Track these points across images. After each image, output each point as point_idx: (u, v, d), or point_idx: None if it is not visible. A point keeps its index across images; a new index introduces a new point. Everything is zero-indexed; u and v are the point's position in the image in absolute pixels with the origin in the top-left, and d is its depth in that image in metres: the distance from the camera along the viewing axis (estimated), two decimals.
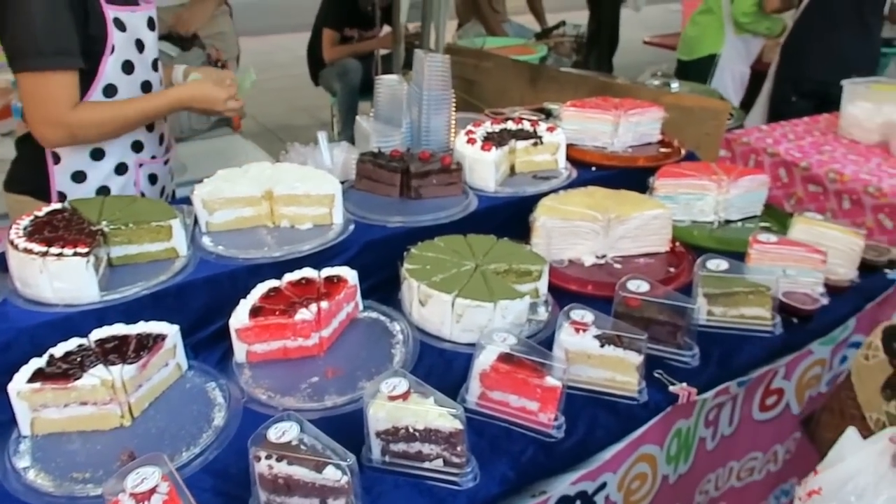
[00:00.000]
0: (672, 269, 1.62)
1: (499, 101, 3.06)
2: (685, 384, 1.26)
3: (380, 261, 1.57)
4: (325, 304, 1.30)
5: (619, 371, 1.22)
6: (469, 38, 3.99)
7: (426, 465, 1.05)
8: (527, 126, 1.97)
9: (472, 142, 1.84)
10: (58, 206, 1.45)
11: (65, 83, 1.53)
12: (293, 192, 1.56)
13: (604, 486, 1.19)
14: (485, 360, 1.16)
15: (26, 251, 1.27)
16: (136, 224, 1.41)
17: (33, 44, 1.48)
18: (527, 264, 1.46)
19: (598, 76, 3.03)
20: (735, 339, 1.40)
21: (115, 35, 1.59)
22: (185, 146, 2.72)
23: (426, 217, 1.65)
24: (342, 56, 4.41)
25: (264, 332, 1.28)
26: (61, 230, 1.35)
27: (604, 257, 1.67)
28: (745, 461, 1.61)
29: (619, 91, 2.67)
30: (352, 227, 1.58)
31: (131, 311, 1.30)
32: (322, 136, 1.87)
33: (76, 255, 1.26)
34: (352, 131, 4.47)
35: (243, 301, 1.31)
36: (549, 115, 2.39)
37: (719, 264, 1.44)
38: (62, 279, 1.27)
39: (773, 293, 1.40)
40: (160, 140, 1.83)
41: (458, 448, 1.02)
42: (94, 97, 1.62)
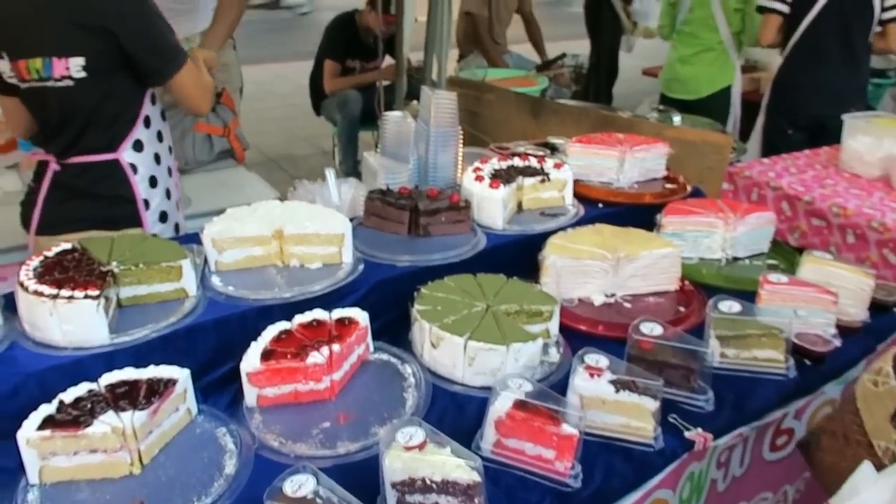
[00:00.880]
0: (682, 309, 1.61)
1: (501, 133, 3.08)
2: (700, 429, 1.25)
3: (389, 300, 1.56)
4: (336, 347, 1.29)
5: (634, 417, 1.21)
6: (471, 69, 4.03)
7: None
8: (533, 163, 1.98)
9: (479, 179, 1.84)
10: (67, 245, 1.45)
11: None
12: (303, 232, 1.56)
13: None
14: (500, 408, 1.14)
15: (36, 293, 1.26)
16: (146, 264, 1.41)
17: (175, 45, 1.80)
18: (538, 304, 1.45)
19: (600, 109, 3.06)
20: (748, 382, 1.39)
21: None
22: (190, 178, 2.72)
23: (435, 256, 1.65)
24: (343, 87, 4.45)
25: (275, 375, 1.26)
26: (71, 271, 1.34)
27: (613, 296, 1.66)
28: (756, 502, 1.59)
29: (622, 125, 2.69)
30: (361, 266, 1.58)
31: (141, 354, 1.29)
32: (330, 174, 1.87)
33: (87, 297, 1.25)
34: (352, 161, 4.54)
35: (254, 344, 1.30)
36: (553, 149, 2.41)
37: (731, 306, 1.43)
38: (72, 322, 1.26)
39: (785, 336, 1.40)
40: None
41: (476, 500, 1.00)
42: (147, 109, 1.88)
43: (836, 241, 2.30)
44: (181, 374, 1.21)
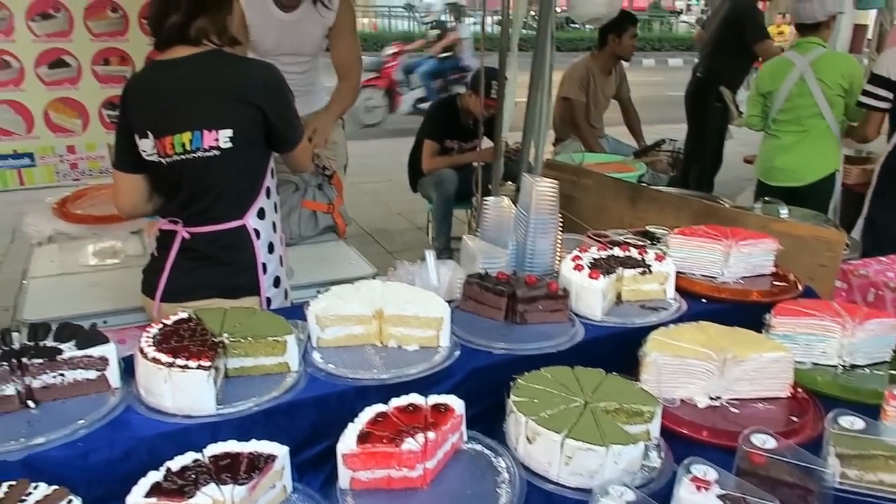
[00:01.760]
0: (795, 419, 1.51)
1: (598, 219, 3.06)
2: None
3: (483, 388, 1.55)
4: (431, 434, 1.28)
5: None
6: (567, 153, 4.07)
7: None
8: (634, 253, 1.95)
9: (579, 268, 1.83)
10: (185, 315, 1.53)
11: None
12: (403, 313, 1.59)
13: None
14: None
15: (154, 361, 1.33)
16: (254, 338, 1.46)
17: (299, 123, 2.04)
18: (638, 404, 1.40)
19: (702, 199, 3.00)
20: None
21: None
22: (294, 251, 2.84)
23: (532, 345, 1.64)
24: (441, 167, 4.59)
25: (370, 459, 1.26)
26: (186, 340, 1.41)
27: (718, 399, 1.58)
28: None
29: (726, 216, 2.62)
30: (458, 352, 1.58)
31: (244, 427, 1.32)
32: (430, 255, 1.91)
33: (199, 367, 1.31)
34: (445, 238, 4.62)
35: (351, 425, 1.31)
36: (653, 239, 2.37)
37: (854, 422, 1.33)
38: (183, 390, 1.31)
39: None
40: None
41: None
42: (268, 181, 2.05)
43: None
44: (280, 451, 1.23)
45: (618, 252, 1.96)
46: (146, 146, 1.87)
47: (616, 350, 1.72)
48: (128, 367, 1.44)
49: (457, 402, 1.39)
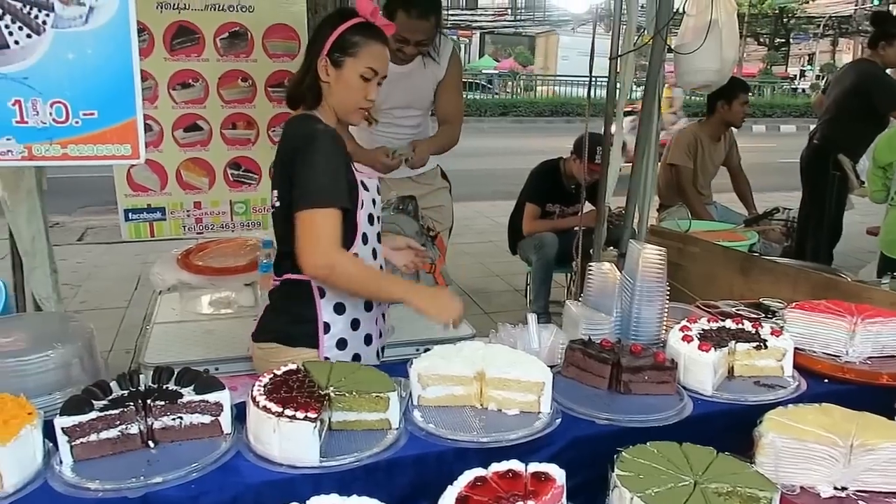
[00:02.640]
0: None
1: (705, 289, 2.96)
2: None
3: (584, 459, 1.50)
4: (532, 503, 1.25)
5: None
6: (673, 220, 3.98)
7: None
8: (748, 326, 1.86)
9: (687, 339, 1.76)
10: (293, 366, 1.59)
11: (335, 221, 1.81)
12: (504, 376, 1.58)
13: None
14: None
15: (265, 409, 1.38)
16: (358, 393, 1.50)
17: (317, 188, 1.80)
18: (754, 488, 1.31)
19: (821, 271, 2.84)
20: None
21: (362, 193, 1.93)
22: (395, 309, 2.88)
23: (637, 417, 1.58)
24: (542, 230, 4.59)
25: None
26: (295, 391, 1.46)
27: (844, 490, 1.45)
28: None
29: (848, 291, 2.47)
30: (559, 419, 1.55)
31: (344, 481, 1.34)
32: (532, 319, 1.90)
33: (306, 419, 1.35)
34: (544, 301, 4.58)
35: (450, 487, 1.29)
36: (767, 312, 2.25)
37: None
38: (290, 440, 1.35)
39: None
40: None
41: None
42: (357, 246, 1.92)
43: None
44: None
45: (730, 324, 1.88)
46: None
47: (727, 428, 1.63)
48: (238, 414, 1.51)
49: (558, 472, 1.34)
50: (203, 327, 2.87)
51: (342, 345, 1.97)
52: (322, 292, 1.93)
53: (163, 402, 1.42)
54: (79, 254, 6.41)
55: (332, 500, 1.25)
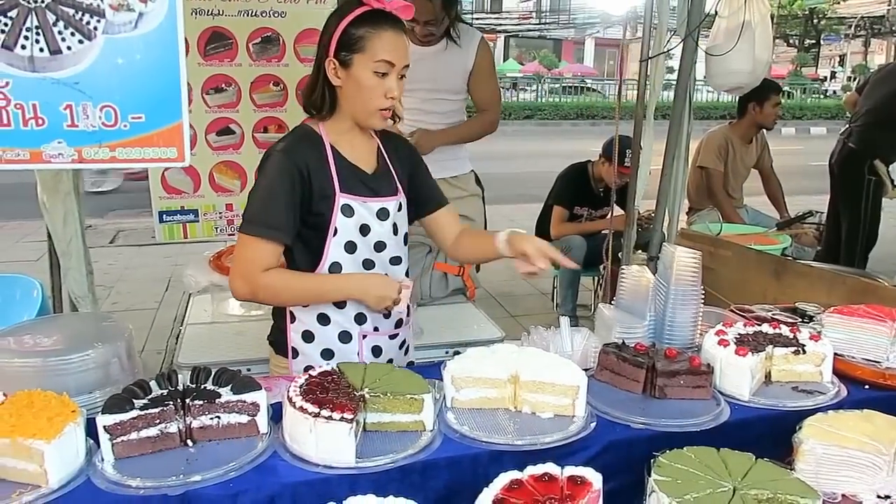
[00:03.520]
0: None
1: (737, 293, 2.92)
2: None
3: (620, 463, 1.50)
4: None
5: None
6: (704, 223, 3.94)
7: None
8: (785, 331, 1.84)
9: (724, 343, 1.74)
10: (328, 368, 1.60)
11: (262, 249, 1.73)
12: (539, 380, 1.57)
13: None
14: None
15: (301, 410, 1.39)
16: (393, 394, 1.50)
17: (248, 213, 1.75)
18: (795, 495, 1.29)
19: (858, 275, 2.78)
20: None
21: (338, 219, 1.78)
22: (424, 311, 2.91)
23: (674, 422, 1.56)
24: (570, 233, 4.57)
25: None
26: (331, 392, 1.47)
27: (888, 498, 1.42)
28: None
29: (886, 296, 2.42)
30: (594, 423, 1.54)
31: (380, 482, 1.35)
32: (564, 322, 1.89)
33: (343, 420, 1.36)
34: (571, 305, 4.56)
35: (486, 489, 1.29)
36: (803, 316, 2.22)
37: None
38: (327, 441, 1.36)
39: None
40: (387, 314, 1.91)
41: None
42: (321, 272, 1.81)
43: None
44: None
45: (767, 329, 1.85)
46: None
47: (764, 434, 1.61)
48: (273, 414, 1.52)
49: (594, 476, 1.33)
50: (234, 328, 2.91)
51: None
52: (293, 316, 1.87)
53: (201, 402, 1.44)
54: (110, 256, 6.53)
55: (370, 500, 1.25)
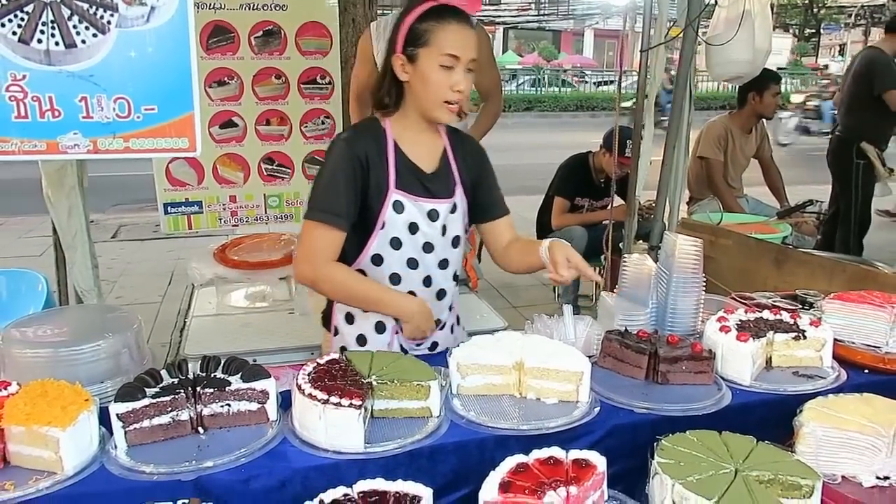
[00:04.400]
0: None
1: (738, 281, 2.94)
2: None
3: (624, 447, 1.52)
4: (574, 489, 1.26)
5: None
6: (704, 213, 3.95)
7: None
8: (786, 317, 1.86)
9: (725, 330, 1.77)
10: (335, 356, 1.63)
11: (326, 236, 1.79)
12: (544, 366, 1.59)
13: None
14: None
15: (311, 397, 1.42)
16: (400, 381, 1.52)
17: (313, 200, 1.81)
18: (796, 476, 1.31)
19: (857, 263, 2.80)
20: None
21: (388, 213, 1.82)
22: None
23: (676, 406, 1.59)
24: (571, 224, 4.58)
25: None
26: (338, 380, 1.49)
27: (887, 479, 1.45)
28: None
29: (886, 283, 2.44)
30: (597, 408, 1.56)
31: (389, 467, 1.37)
32: (567, 310, 1.91)
33: (351, 406, 1.38)
34: (572, 295, 4.57)
35: (493, 473, 1.32)
36: (804, 303, 2.24)
37: None
38: (336, 427, 1.39)
39: None
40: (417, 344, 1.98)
41: None
42: (363, 263, 1.87)
43: None
44: (425, 493, 1.26)
45: (768, 315, 1.88)
46: None
47: (765, 418, 1.64)
48: (281, 402, 1.55)
49: (599, 459, 1.36)
50: (240, 320, 2.93)
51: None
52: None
53: (212, 390, 1.46)
54: (113, 250, 6.55)
55: (379, 483, 1.28)
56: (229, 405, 1.48)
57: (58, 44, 1.22)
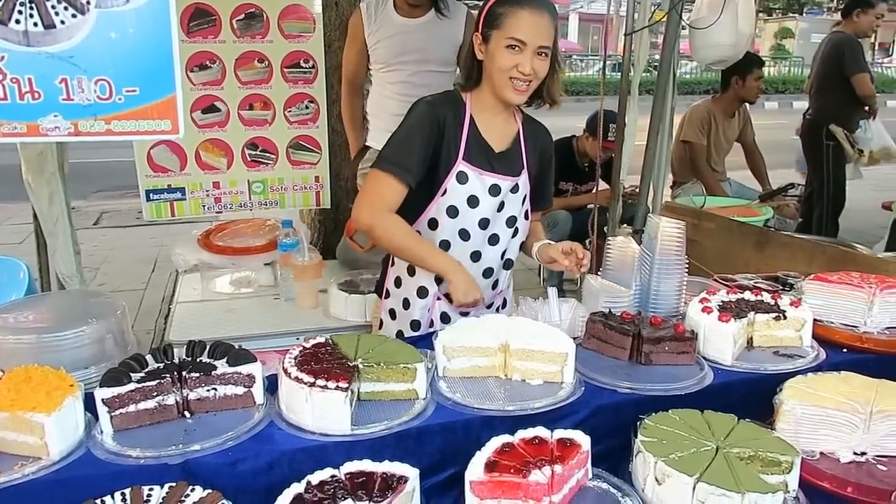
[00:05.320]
0: None
1: (721, 264, 2.97)
2: None
3: (608, 427, 1.54)
4: (558, 467, 1.29)
5: None
6: (688, 196, 3.98)
7: None
8: (767, 298, 1.89)
9: (707, 310, 1.79)
10: (321, 339, 1.63)
11: (391, 187, 1.86)
12: (528, 347, 1.61)
13: None
14: None
15: (297, 380, 1.42)
16: (386, 364, 1.53)
17: (385, 151, 1.90)
18: (776, 453, 1.34)
19: (837, 245, 2.84)
20: None
21: (451, 182, 1.90)
22: None
23: (659, 386, 1.61)
24: (555, 208, 4.59)
25: (497, 488, 1.28)
26: (325, 363, 1.50)
27: (864, 455, 1.48)
28: None
29: (865, 264, 2.48)
30: (582, 388, 1.58)
31: (375, 448, 1.38)
32: (552, 293, 1.93)
33: (337, 388, 1.39)
34: (558, 279, 4.59)
35: (479, 453, 1.33)
36: (784, 285, 2.27)
37: None
38: (322, 409, 1.39)
39: None
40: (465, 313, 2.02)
41: None
42: (421, 224, 1.95)
43: None
44: (412, 473, 1.27)
45: (749, 296, 1.90)
46: None
47: (746, 397, 1.67)
48: (268, 386, 1.55)
49: (583, 438, 1.38)
50: (224, 306, 2.93)
51: (393, 315, 2.10)
52: (392, 260, 2.07)
53: (198, 374, 1.46)
54: (95, 237, 6.48)
55: (366, 464, 1.29)
56: (215, 389, 1.48)
57: (36, 24, 1.20)
